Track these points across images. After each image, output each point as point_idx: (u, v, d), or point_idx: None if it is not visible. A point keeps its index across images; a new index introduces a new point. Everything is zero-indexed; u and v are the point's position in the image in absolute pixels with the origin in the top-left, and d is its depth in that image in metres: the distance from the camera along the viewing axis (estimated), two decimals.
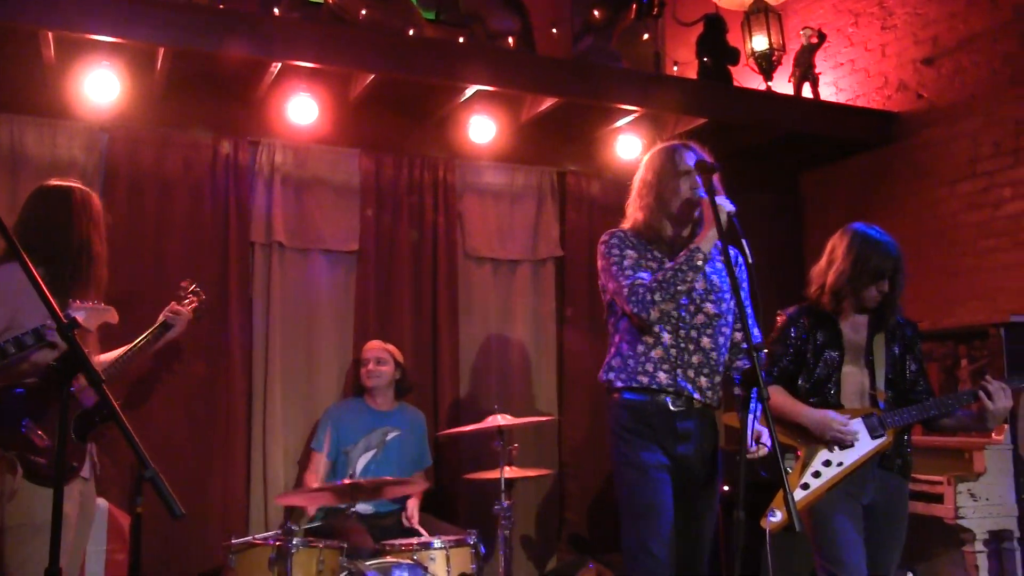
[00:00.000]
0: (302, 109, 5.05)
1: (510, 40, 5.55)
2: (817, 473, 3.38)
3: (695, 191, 3.25)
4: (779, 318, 3.65)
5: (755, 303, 3.23)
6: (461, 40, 5.41)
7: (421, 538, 4.11)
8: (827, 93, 6.34)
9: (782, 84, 6.23)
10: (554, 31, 6.10)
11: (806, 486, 3.37)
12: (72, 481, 3.18)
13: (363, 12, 5.05)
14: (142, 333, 3.83)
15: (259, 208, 5.20)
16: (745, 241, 2.96)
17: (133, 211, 4.89)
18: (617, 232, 3.42)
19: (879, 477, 3.43)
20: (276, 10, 4.82)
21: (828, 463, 3.38)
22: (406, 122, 5.62)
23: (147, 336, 3.82)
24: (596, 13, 5.71)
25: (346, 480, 4.05)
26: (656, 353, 3.26)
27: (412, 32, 5.17)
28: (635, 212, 3.43)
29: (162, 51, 4.57)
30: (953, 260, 5.57)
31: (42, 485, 3.05)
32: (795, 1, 6.69)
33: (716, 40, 5.99)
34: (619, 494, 3.32)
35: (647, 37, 5.98)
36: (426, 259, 5.56)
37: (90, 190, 3.46)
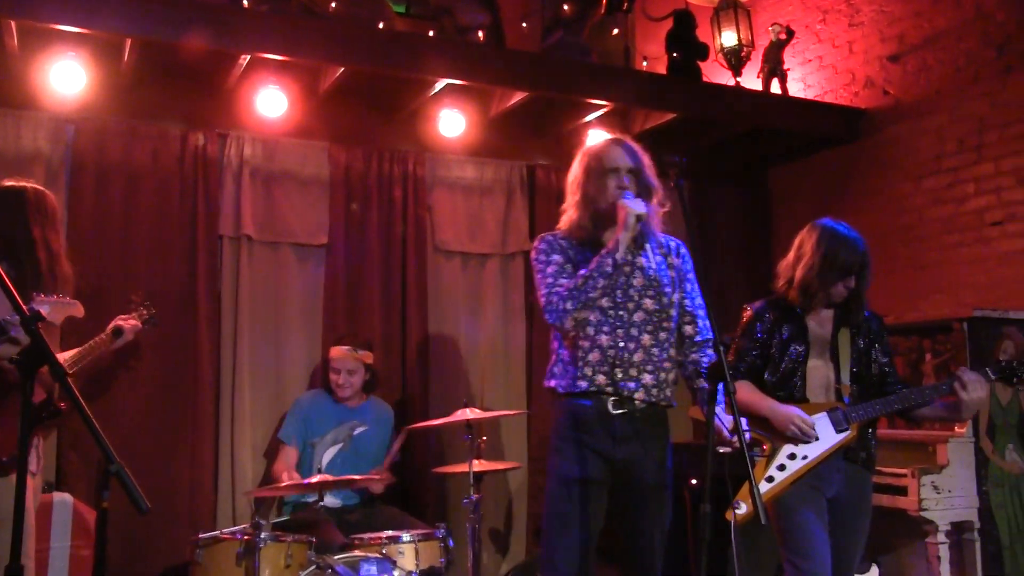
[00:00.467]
0: (271, 102, 5.03)
1: (480, 34, 5.55)
2: (782, 466, 3.39)
3: (616, 191, 3.21)
4: (745, 313, 3.65)
5: (704, 295, 3.21)
6: (431, 34, 5.41)
7: (389, 532, 4.11)
8: (795, 89, 6.39)
9: (751, 80, 6.27)
10: (524, 25, 6.11)
11: (771, 479, 3.38)
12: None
13: (332, 5, 5.04)
14: (108, 326, 3.93)
15: (228, 201, 5.17)
16: (670, 238, 3.00)
17: (100, 203, 4.84)
18: (546, 236, 3.37)
19: (844, 470, 3.45)
20: (245, 2, 4.80)
21: (793, 456, 3.39)
22: (376, 115, 5.61)
23: (99, 340, 4.00)
24: (566, 7, 5.73)
25: (314, 478, 4.05)
26: (594, 356, 3.20)
27: (382, 25, 5.16)
28: (568, 210, 3.37)
29: (129, 42, 4.53)
30: (918, 255, 5.63)
31: None
32: None
33: (685, 35, 6.02)
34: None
35: (617, 32, 5.99)
36: (395, 253, 5.55)
37: (44, 188, 3.44)
